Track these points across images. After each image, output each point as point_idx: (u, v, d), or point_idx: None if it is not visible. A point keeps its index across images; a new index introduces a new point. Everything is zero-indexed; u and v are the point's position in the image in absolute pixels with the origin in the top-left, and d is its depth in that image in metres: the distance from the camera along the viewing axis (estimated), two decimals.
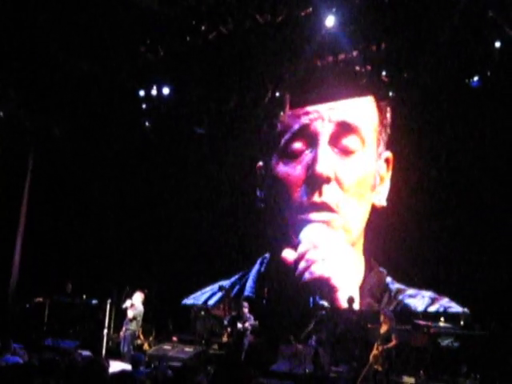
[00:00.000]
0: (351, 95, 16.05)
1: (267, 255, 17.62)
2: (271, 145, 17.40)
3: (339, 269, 15.62)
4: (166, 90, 16.40)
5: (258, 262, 17.62)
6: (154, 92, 16.45)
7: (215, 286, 17.54)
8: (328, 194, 16.15)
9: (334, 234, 15.99)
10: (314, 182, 16.23)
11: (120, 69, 15.97)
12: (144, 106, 16.91)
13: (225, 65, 15.61)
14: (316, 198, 16.21)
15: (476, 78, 13.89)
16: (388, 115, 16.38)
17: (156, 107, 16.83)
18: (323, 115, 16.63)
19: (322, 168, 16.18)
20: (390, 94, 15.06)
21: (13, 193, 18.37)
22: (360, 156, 16.37)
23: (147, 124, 17.32)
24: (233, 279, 17.71)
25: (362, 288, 15.70)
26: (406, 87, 15.02)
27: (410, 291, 15.24)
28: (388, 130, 16.36)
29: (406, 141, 15.79)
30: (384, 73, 14.65)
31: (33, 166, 18.83)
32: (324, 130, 16.53)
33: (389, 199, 16.02)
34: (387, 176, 16.23)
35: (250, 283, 17.45)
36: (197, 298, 18.02)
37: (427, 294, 14.89)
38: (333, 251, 15.74)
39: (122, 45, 15.34)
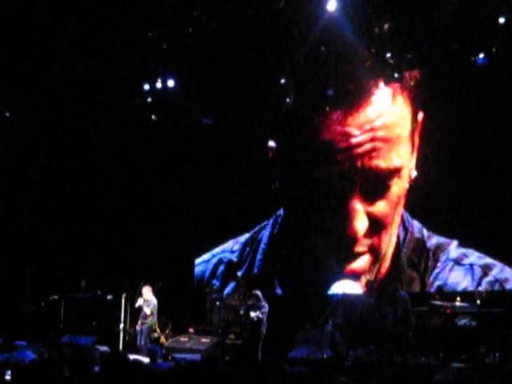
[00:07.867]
0: (357, 79, 15.91)
1: (281, 212, 17.24)
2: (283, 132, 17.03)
3: None
4: (170, 83, 16.31)
5: (270, 222, 17.31)
6: (158, 85, 16.37)
7: (226, 247, 17.65)
8: (364, 243, 15.49)
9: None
10: (348, 239, 15.57)
11: (123, 64, 15.90)
12: (149, 99, 16.81)
13: (228, 53, 15.55)
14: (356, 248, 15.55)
15: (482, 55, 13.84)
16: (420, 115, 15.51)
17: (162, 100, 16.72)
18: (355, 161, 15.66)
19: (356, 229, 15.42)
20: (396, 75, 14.94)
21: (21, 189, 18.40)
22: (396, 183, 15.45)
23: (153, 118, 17.23)
24: (243, 240, 17.51)
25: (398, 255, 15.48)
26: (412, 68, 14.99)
27: (452, 249, 14.83)
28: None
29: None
30: (389, 54, 14.57)
31: (41, 166, 18.80)
32: (357, 180, 15.64)
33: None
34: (417, 140, 15.48)
35: (260, 252, 17.24)
36: (208, 263, 18.00)
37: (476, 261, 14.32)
38: None
39: (123, 40, 15.28)
